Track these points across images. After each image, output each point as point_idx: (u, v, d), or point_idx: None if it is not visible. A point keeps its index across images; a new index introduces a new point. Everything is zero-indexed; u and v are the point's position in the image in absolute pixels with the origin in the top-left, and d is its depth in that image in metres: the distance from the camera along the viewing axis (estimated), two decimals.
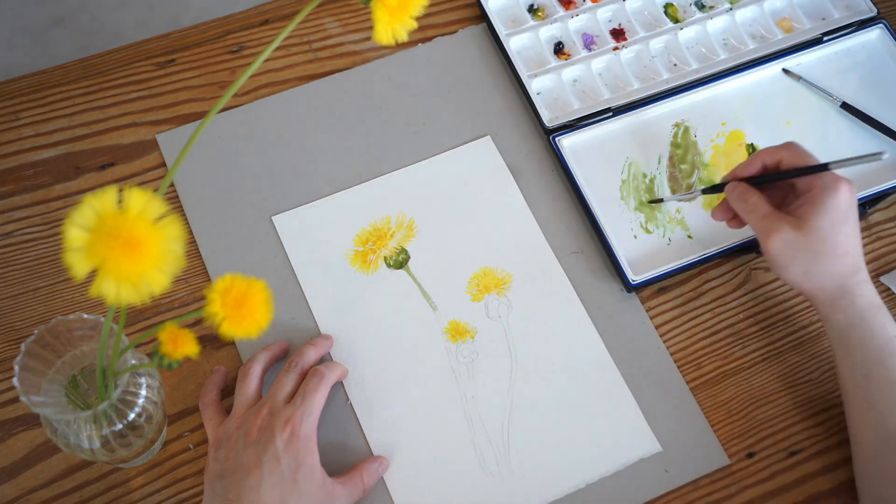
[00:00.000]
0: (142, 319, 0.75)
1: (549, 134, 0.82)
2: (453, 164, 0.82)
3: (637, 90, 0.84)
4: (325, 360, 0.73)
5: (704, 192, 0.77)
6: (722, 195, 0.73)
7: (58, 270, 0.76)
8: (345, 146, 0.82)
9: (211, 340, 0.74)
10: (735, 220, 0.73)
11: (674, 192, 0.81)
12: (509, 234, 0.79)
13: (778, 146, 0.69)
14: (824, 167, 0.65)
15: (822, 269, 0.65)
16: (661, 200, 0.79)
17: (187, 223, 0.78)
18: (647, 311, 0.77)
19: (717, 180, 0.82)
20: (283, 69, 0.86)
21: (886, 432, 0.65)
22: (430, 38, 0.88)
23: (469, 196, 0.81)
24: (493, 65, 0.87)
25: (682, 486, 0.71)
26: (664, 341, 0.76)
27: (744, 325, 0.77)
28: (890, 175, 0.82)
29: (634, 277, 0.77)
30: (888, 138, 0.83)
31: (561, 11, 0.88)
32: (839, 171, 0.65)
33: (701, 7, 0.89)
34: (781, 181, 0.68)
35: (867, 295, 0.66)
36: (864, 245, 0.80)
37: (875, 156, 0.60)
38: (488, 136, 0.83)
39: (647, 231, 0.80)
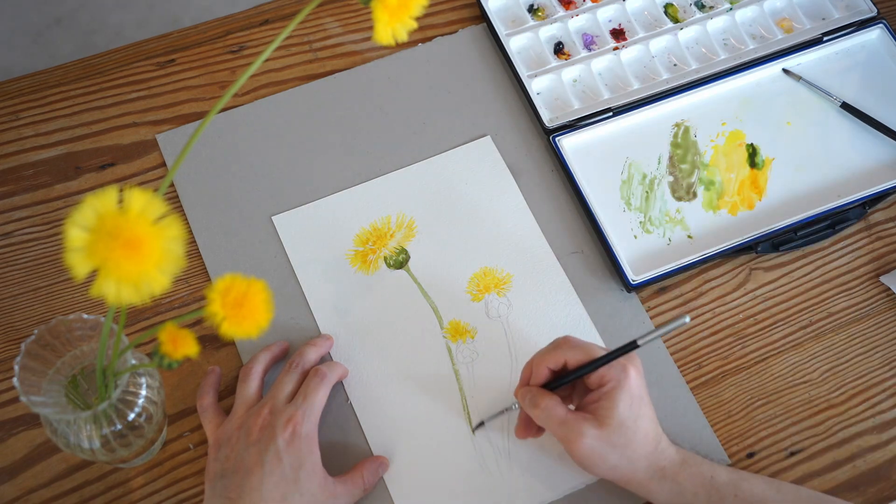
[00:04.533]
0: (142, 319, 0.75)
1: (549, 134, 0.82)
2: (453, 164, 0.82)
3: (637, 90, 0.84)
4: (325, 360, 0.73)
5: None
6: None
7: (58, 270, 0.76)
8: (345, 146, 0.82)
9: (211, 340, 0.74)
10: (539, 429, 0.68)
11: (674, 191, 0.81)
12: (509, 234, 0.79)
13: (554, 348, 0.65)
14: (633, 346, 0.62)
15: (629, 457, 0.63)
16: (482, 424, 0.72)
17: (187, 223, 0.78)
18: (647, 311, 0.77)
19: (717, 180, 0.82)
20: (283, 69, 0.86)
21: None
22: (430, 38, 0.88)
23: (469, 196, 0.81)
24: (493, 65, 0.87)
25: None
26: (664, 341, 0.76)
27: (744, 325, 0.77)
28: (890, 175, 0.82)
29: (634, 277, 0.77)
30: (888, 138, 0.83)
31: (561, 11, 0.88)
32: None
33: (701, 7, 0.89)
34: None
35: (672, 459, 0.65)
36: (864, 245, 0.80)
37: (680, 323, 0.59)
38: (488, 136, 0.83)
39: (647, 231, 0.80)
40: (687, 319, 0.58)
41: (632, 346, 0.63)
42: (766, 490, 0.65)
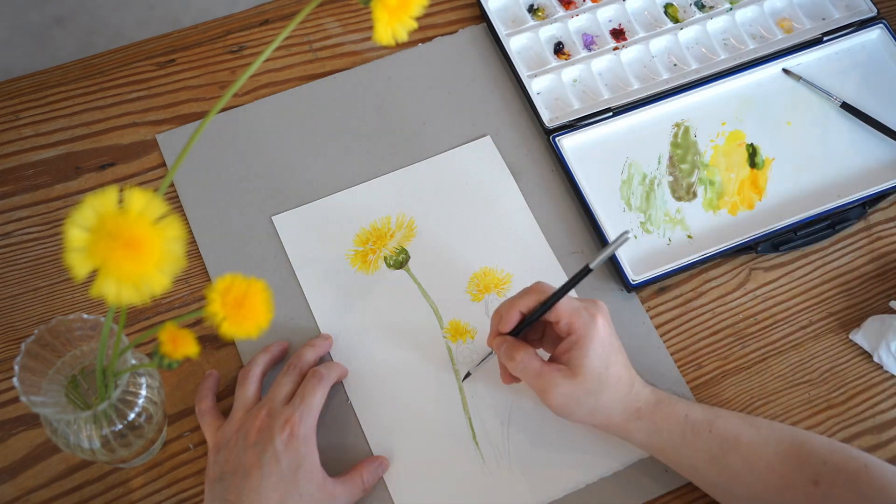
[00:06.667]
0: (142, 319, 0.75)
1: (549, 134, 0.82)
2: (453, 164, 0.82)
3: (637, 90, 0.84)
4: (324, 360, 0.73)
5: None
6: None
7: (58, 270, 0.76)
8: (345, 146, 0.82)
9: (211, 340, 0.74)
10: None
11: (674, 191, 0.81)
12: (509, 234, 0.79)
13: (525, 293, 0.66)
14: (586, 271, 0.63)
15: (604, 403, 0.64)
16: (469, 375, 0.73)
17: (187, 223, 0.78)
18: (647, 311, 0.77)
19: (717, 180, 0.82)
20: (283, 69, 0.86)
21: (738, 499, 0.65)
22: (430, 38, 0.88)
23: (469, 196, 0.81)
24: (493, 65, 0.87)
25: (682, 486, 0.70)
26: (664, 341, 0.76)
27: (744, 325, 0.77)
28: (890, 175, 0.82)
29: (634, 277, 0.77)
30: (888, 138, 0.83)
31: (561, 11, 0.88)
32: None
33: (701, 7, 0.89)
34: (542, 319, 0.65)
35: (647, 400, 0.66)
36: (864, 245, 0.80)
37: (623, 237, 0.60)
38: (488, 136, 0.83)
39: (647, 231, 0.80)
40: (630, 234, 0.59)
41: (585, 271, 0.64)
42: (740, 426, 0.66)
